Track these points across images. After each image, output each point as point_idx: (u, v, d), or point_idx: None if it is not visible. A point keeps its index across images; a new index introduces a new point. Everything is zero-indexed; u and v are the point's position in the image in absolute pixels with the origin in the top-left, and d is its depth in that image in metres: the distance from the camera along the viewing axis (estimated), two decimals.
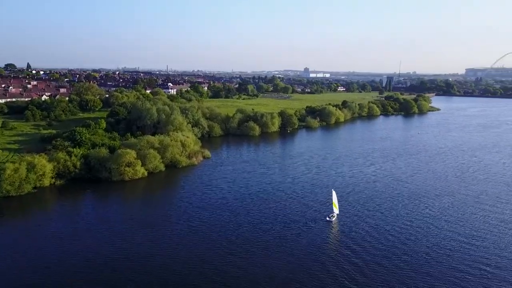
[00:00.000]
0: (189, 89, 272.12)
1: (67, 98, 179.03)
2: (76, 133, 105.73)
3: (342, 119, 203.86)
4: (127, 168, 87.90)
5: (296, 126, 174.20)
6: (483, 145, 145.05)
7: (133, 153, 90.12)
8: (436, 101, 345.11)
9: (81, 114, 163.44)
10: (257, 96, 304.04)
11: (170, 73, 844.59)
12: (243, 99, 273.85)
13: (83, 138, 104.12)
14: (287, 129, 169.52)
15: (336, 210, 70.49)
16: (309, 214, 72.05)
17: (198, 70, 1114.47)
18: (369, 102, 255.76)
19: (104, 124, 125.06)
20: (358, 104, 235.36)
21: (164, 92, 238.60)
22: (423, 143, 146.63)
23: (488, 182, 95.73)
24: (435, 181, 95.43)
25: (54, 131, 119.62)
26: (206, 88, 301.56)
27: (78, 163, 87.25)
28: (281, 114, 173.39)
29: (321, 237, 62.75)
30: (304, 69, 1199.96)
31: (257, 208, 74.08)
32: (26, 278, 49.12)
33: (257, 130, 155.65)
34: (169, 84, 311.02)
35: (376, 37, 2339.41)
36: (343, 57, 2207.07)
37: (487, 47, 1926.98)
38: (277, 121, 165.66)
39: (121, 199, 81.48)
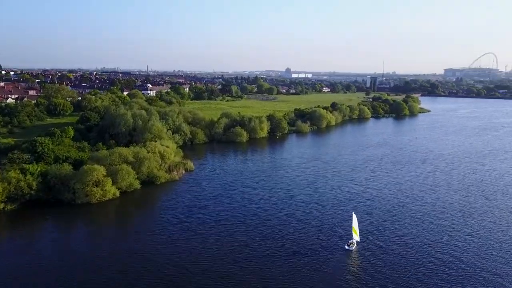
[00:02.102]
0: (169, 90, 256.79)
1: (34, 102, 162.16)
2: (37, 143, 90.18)
3: (333, 123, 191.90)
4: (94, 188, 73.17)
5: (286, 131, 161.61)
6: (488, 151, 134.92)
7: (102, 170, 75.46)
8: (423, 101, 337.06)
9: (49, 120, 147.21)
10: (241, 98, 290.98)
11: (150, 73, 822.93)
12: (227, 100, 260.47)
13: (46, 149, 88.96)
14: (276, 134, 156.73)
15: (356, 237, 58.64)
16: (322, 242, 59.93)
17: (179, 70, 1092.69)
18: (358, 104, 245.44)
19: (72, 132, 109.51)
20: (348, 106, 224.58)
21: (143, 93, 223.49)
22: (424, 150, 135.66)
23: (510, 196, 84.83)
24: (454, 196, 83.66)
25: (13, 141, 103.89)
26: (187, 89, 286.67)
27: (34, 183, 71.97)
28: (270, 118, 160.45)
29: (341, 270, 51.02)
30: (286, 69, 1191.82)
31: (256, 236, 60.85)
32: None
33: (244, 136, 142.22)
34: (148, 85, 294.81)
35: (357, 38, 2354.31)
36: (324, 57, 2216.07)
37: (464, 47, 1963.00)
38: (266, 126, 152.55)
39: (87, 227, 67.05)
